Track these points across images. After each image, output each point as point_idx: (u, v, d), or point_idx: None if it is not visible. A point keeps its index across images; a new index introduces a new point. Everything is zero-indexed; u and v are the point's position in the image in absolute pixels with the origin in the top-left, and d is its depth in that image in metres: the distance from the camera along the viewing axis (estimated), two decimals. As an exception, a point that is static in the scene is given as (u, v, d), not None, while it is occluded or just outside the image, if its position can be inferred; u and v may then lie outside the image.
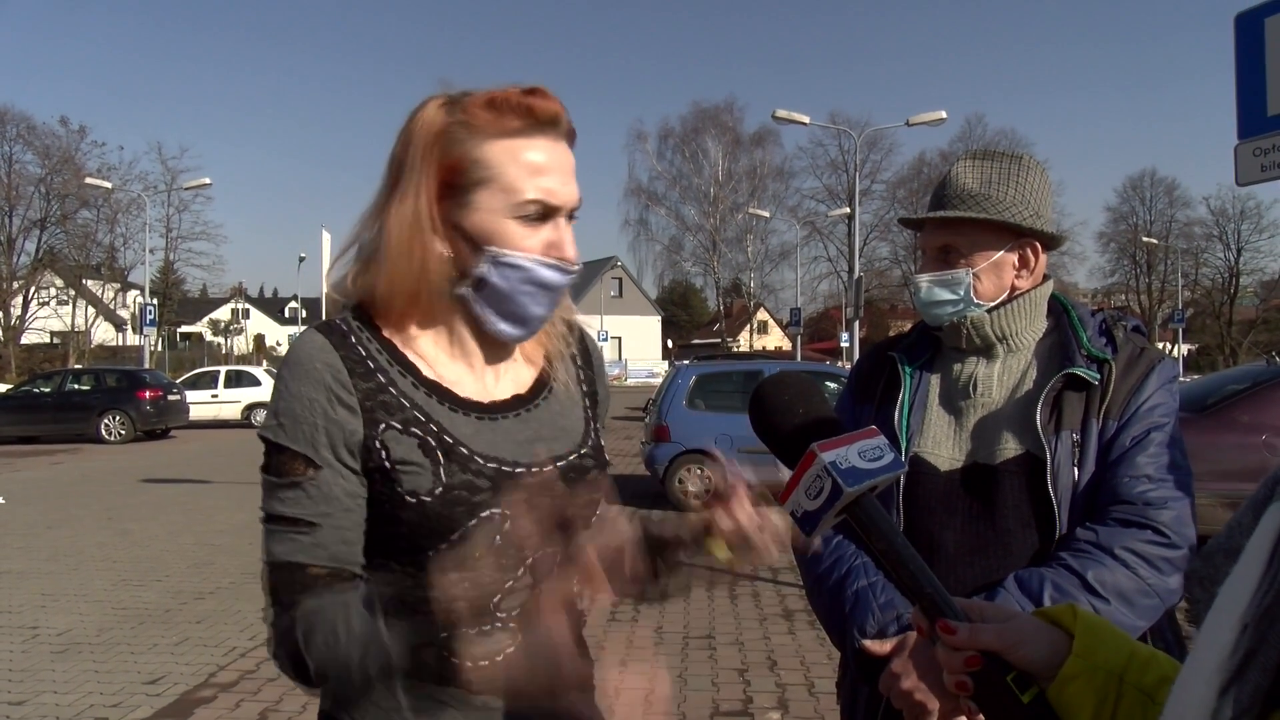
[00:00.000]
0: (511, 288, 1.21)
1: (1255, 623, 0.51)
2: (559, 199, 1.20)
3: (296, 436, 1.14)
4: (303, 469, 1.14)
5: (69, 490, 13.14)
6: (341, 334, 1.20)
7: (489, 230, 1.19)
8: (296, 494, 1.14)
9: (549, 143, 1.20)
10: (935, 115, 25.86)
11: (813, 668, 5.28)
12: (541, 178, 1.18)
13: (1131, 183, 60.16)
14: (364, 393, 1.17)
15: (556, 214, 1.21)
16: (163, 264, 49.44)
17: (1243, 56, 5.43)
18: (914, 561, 0.93)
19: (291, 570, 1.14)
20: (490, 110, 1.18)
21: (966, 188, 1.66)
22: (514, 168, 1.18)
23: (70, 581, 7.58)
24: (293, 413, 1.15)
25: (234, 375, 26.16)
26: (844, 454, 0.93)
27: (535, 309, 1.23)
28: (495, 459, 1.21)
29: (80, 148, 43.61)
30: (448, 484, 1.17)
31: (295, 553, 1.14)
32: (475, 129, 1.18)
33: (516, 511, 1.21)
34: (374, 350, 1.21)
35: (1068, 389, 1.59)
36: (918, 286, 1.71)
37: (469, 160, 1.18)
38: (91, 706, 4.78)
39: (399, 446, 1.17)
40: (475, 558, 1.19)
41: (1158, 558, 1.47)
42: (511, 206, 1.18)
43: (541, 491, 1.24)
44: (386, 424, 1.17)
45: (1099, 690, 0.85)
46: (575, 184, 1.23)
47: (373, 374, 1.18)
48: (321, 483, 1.14)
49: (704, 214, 57.88)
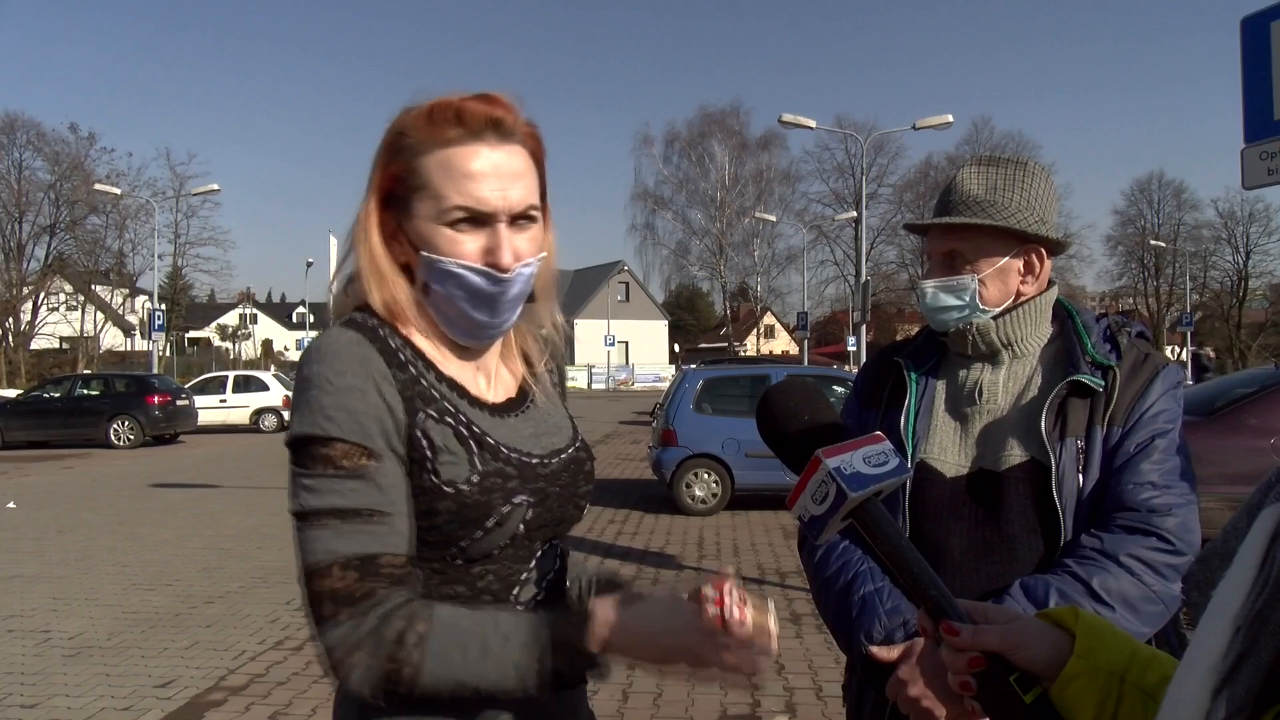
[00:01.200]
0: (449, 294, 1.22)
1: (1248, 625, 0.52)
2: (489, 205, 1.20)
3: (352, 428, 1.12)
4: (363, 459, 1.12)
5: (79, 495, 13.19)
6: (370, 329, 1.21)
7: (425, 237, 1.21)
8: (359, 484, 1.11)
9: (486, 149, 1.20)
10: (942, 119, 25.83)
11: (820, 672, 5.28)
12: (470, 184, 1.19)
13: (1139, 185, 60.02)
14: (402, 383, 1.18)
15: (492, 220, 1.21)
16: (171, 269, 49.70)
17: (1249, 60, 5.42)
18: (918, 565, 0.94)
19: (372, 564, 1.09)
20: (428, 120, 1.20)
21: (972, 194, 1.67)
22: (443, 176, 1.19)
23: (81, 585, 7.61)
24: (344, 405, 1.12)
25: (242, 380, 26.18)
26: (849, 460, 0.95)
27: (477, 315, 1.24)
28: (515, 449, 1.24)
29: (89, 154, 44.07)
30: (484, 472, 1.18)
31: (372, 544, 1.10)
32: (415, 139, 1.20)
33: (536, 500, 1.24)
34: (400, 344, 1.22)
35: (1072, 395, 1.59)
36: (923, 292, 1.72)
37: (408, 170, 1.21)
38: (103, 710, 4.81)
39: (438, 436, 1.18)
40: (500, 548, 1.21)
41: (1163, 564, 1.48)
42: (440, 213, 1.20)
43: (552, 482, 1.27)
44: (425, 413, 1.18)
45: (1101, 690, 0.86)
46: (521, 187, 1.21)
47: (405, 365, 1.20)
48: (386, 471, 1.13)
49: (710, 218, 57.83)
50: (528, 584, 1.26)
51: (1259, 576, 0.54)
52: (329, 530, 1.10)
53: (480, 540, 1.19)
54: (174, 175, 47.57)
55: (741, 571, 7.98)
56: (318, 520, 1.11)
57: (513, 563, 1.25)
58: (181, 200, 46.95)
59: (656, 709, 4.75)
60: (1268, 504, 0.58)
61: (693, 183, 57.85)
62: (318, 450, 1.12)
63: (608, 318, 54.79)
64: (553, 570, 1.31)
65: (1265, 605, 0.52)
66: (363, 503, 1.11)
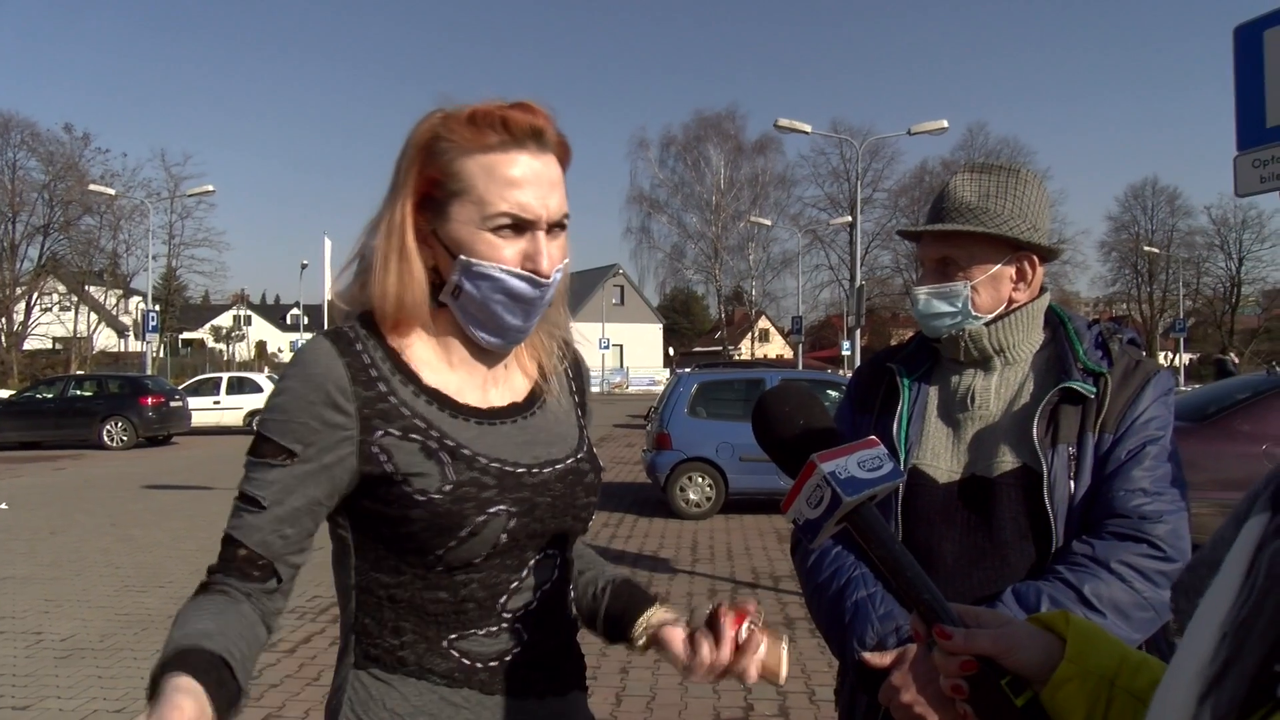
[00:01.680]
0: (484, 297, 1.24)
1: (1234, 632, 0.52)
2: (532, 213, 1.22)
3: (284, 431, 1.18)
4: (280, 457, 1.18)
5: (72, 496, 13.16)
6: (348, 341, 1.23)
7: (464, 241, 1.23)
8: (260, 475, 1.18)
9: (528, 157, 1.22)
10: (937, 124, 25.91)
11: (813, 675, 5.29)
12: (515, 191, 1.21)
13: (1133, 191, 60.18)
14: (363, 400, 1.20)
15: (532, 227, 1.23)
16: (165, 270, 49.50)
17: (1242, 68, 5.45)
18: (912, 569, 0.95)
19: (226, 544, 1.19)
20: (470, 125, 1.22)
21: (964, 200, 1.68)
22: (487, 181, 1.21)
23: (73, 587, 7.60)
24: (284, 408, 1.19)
25: (236, 382, 26.12)
26: (843, 464, 0.96)
27: (510, 319, 1.26)
28: (498, 459, 1.25)
29: (84, 155, 43.83)
30: (456, 481, 1.20)
31: (235, 528, 1.19)
32: (455, 143, 1.22)
33: (520, 510, 1.24)
34: (378, 359, 1.23)
35: (1064, 402, 1.60)
36: (916, 298, 1.73)
37: (447, 174, 1.22)
38: (95, 712, 4.80)
39: (399, 452, 1.20)
40: (483, 557, 1.22)
41: (1153, 571, 1.49)
42: (484, 219, 1.21)
43: (541, 492, 1.27)
44: (385, 430, 1.20)
45: (1091, 694, 0.87)
46: (557, 196, 1.25)
47: (374, 383, 1.21)
48: (290, 474, 1.18)
49: (706, 222, 57.85)
50: (519, 592, 1.27)
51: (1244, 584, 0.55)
52: (233, 510, 1.20)
53: (456, 549, 1.20)
54: (169, 176, 47.43)
55: (735, 575, 7.99)
56: (236, 500, 1.21)
57: (500, 571, 1.25)
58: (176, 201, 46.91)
59: (650, 711, 4.75)
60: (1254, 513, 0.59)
61: (688, 186, 57.96)
62: (257, 443, 1.20)
63: (602, 321, 54.80)
64: (550, 581, 1.31)
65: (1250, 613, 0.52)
66: (252, 491, 1.18)
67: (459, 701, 1.23)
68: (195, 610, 1.14)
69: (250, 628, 1.15)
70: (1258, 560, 0.55)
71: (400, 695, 1.22)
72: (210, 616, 1.12)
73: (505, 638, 1.26)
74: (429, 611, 1.23)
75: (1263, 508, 0.59)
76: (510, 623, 1.26)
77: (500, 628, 1.26)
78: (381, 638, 1.24)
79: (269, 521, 1.18)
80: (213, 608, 1.14)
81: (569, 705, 1.34)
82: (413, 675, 1.23)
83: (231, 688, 1.06)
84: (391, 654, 1.23)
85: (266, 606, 1.19)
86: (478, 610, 1.24)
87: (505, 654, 1.26)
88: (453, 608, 1.23)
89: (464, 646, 1.24)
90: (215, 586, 1.17)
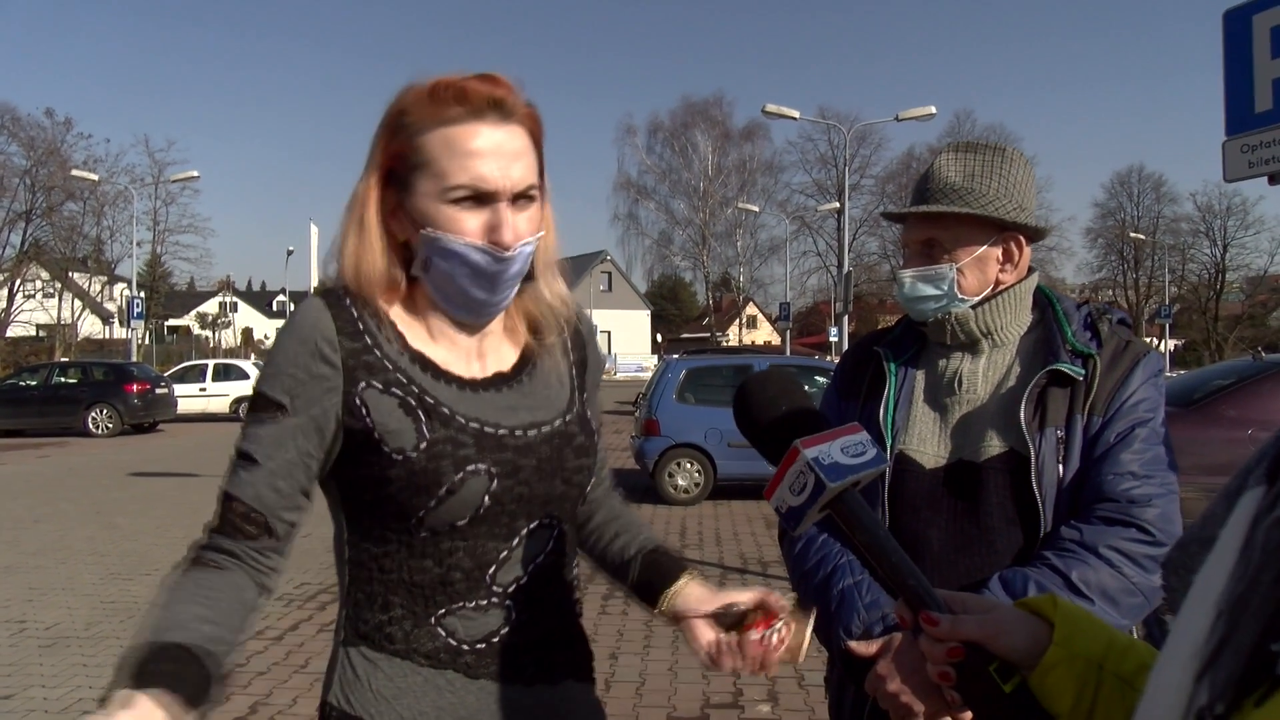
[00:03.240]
0: (449, 271, 1.23)
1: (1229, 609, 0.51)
2: (492, 184, 1.21)
3: (275, 385, 1.20)
4: (271, 412, 1.20)
5: (56, 484, 13.08)
6: (338, 298, 1.25)
7: (427, 215, 1.22)
8: (255, 431, 1.21)
9: (488, 128, 1.21)
10: (925, 110, 25.91)
11: (803, 660, 5.30)
12: (474, 161, 1.20)
13: (1119, 178, 60.34)
14: (348, 351, 1.21)
15: (493, 199, 1.22)
16: (150, 257, 49.22)
17: (1231, 54, 5.46)
18: (897, 555, 0.94)
19: (222, 501, 1.21)
20: (430, 99, 1.21)
21: (949, 181, 1.65)
22: (446, 154, 1.20)
23: (58, 575, 7.55)
24: (276, 363, 1.21)
25: (222, 369, 26.02)
26: (827, 450, 0.95)
27: (475, 293, 1.25)
28: (476, 419, 1.24)
29: (66, 140, 43.25)
30: (431, 439, 1.20)
31: (232, 485, 1.21)
32: (418, 117, 1.21)
33: (502, 471, 1.23)
34: (366, 315, 1.25)
35: (1052, 385, 1.58)
36: (901, 282, 1.71)
37: (410, 147, 1.22)
38: (80, 700, 4.77)
39: (379, 407, 1.21)
40: (467, 520, 1.21)
41: (1143, 556, 1.47)
42: (443, 191, 1.21)
43: (525, 455, 1.26)
44: (367, 383, 1.21)
45: (1079, 678, 0.87)
46: (521, 166, 1.23)
47: (360, 335, 1.23)
48: (281, 427, 1.20)
49: (693, 208, 57.78)
50: (509, 564, 1.25)
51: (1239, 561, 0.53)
52: (229, 468, 1.22)
53: (436, 509, 1.20)
54: (153, 162, 46.98)
55: (724, 561, 8.01)
56: (232, 457, 1.23)
57: (488, 540, 1.24)
58: (160, 187, 46.57)
59: (639, 698, 4.76)
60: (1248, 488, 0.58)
61: (676, 173, 57.86)
62: (257, 398, 1.22)
63: (590, 307, 54.52)
64: (544, 554, 1.29)
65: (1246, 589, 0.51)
66: (247, 448, 1.21)
67: (442, 685, 1.23)
68: (180, 589, 1.15)
69: (238, 593, 1.17)
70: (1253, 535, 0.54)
71: (385, 676, 1.22)
72: (194, 597, 1.14)
73: (495, 614, 1.25)
74: (416, 583, 1.23)
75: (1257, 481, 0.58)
76: (500, 598, 1.25)
77: (490, 602, 1.24)
78: (371, 613, 1.24)
79: (263, 476, 1.19)
80: (199, 584, 1.16)
81: (561, 695, 1.32)
82: (398, 655, 1.23)
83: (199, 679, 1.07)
84: (380, 630, 1.24)
85: (262, 564, 1.21)
86: (465, 581, 1.23)
87: (493, 635, 1.25)
88: (439, 578, 1.23)
89: (451, 624, 1.23)
90: (207, 556, 1.19)
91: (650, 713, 4.54)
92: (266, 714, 4.58)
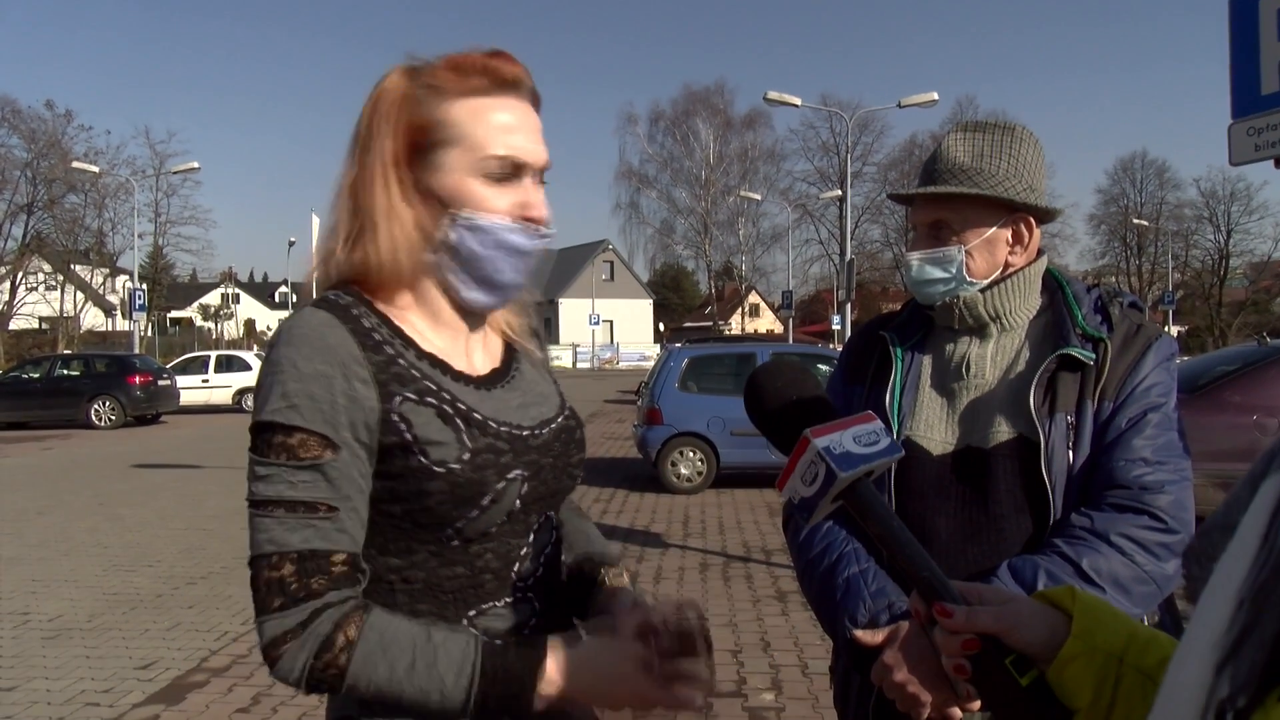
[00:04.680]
0: (480, 252, 1.18)
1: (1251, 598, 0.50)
2: (527, 156, 1.18)
3: (314, 417, 1.08)
4: (320, 451, 1.08)
5: (59, 476, 13.09)
6: (342, 309, 1.14)
7: (456, 191, 1.17)
8: (314, 476, 1.07)
9: (514, 102, 1.19)
10: (927, 97, 25.82)
11: (806, 649, 5.29)
12: (508, 134, 1.17)
13: (1122, 164, 60.44)
14: (377, 365, 1.12)
15: (525, 172, 1.19)
16: (152, 249, 49.30)
17: (1237, 35, 5.40)
18: (910, 545, 0.92)
19: (314, 559, 1.06)
20: (454, 71, 1.17)
21: (958, 161, 1.61)
22: (479, 125, 1.16)
23: (61, 567, 7.55)
24: (308, 392, 1.08)
25: (224, 360, 26.02)
26: (838, 439, 0.92)
27: (507, 274, 1.20)
28: (505, 423, 1.20)
29: (67, 132, 43.31)
30: (474, 449, 1.14)
31: (315, 539, 1.06)
32: (440, 90, 1.17)
33: (530, 474, 1.20)
34: (375, 323, 1.16)
35: (1062, 369, 1.54)
36: (909, 265, 1.67)
37: (434, 120, 1.17)
38: (83, 692, 4.77)
39: (418, 418, 1.13)
40: (499, 524, 1.18)
41: (1155, 544, 1.44)
42: (478, 164, 1.16)
43: (545, 453, 1.23)
44: (402, 396, 1.13)
45: (1099, 672, 0.84)
46: (543, 144, 1.22)
47: (381, 346, 1.14)
48: (341, 464, 1.09)
49: (695, 197, 57.78)
50: (525, 559, 1.23)
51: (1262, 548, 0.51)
52: (276, 520, 1.07)
53: (477, 519, 1.15)
54: (154, 153, 47.13)
55: (727, 549, 8.00)
56: (268, 509, 1.07)
57: (510, 539, 1.21)
58: (161, 179, 46.72)
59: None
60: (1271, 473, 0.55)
61: (677, 161, 57.83)
62: (278, 439, 1.08)
63: (592, 297, 54.68)
64: (549, 544, 1.27)
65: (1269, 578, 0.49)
66: (312, 495, 1.07)
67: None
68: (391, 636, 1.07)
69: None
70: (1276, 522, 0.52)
71: None
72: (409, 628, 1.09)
73: (523, 609, 1.22)
74: (445, 589, 1.17)
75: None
76: (524, 591, 1.22)
77: (517, 598, 1.21)
78: None
79: (350, 519, 1.09)
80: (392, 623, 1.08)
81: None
82: None
83: None
84: None
85: None
86: (495, 581, 1.19)
87: (523, 627, 1.21)
88: (470, 582, 1.18)
89: (484, 624, 1.18)
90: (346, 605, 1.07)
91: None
92: (269, 704, 4.58)
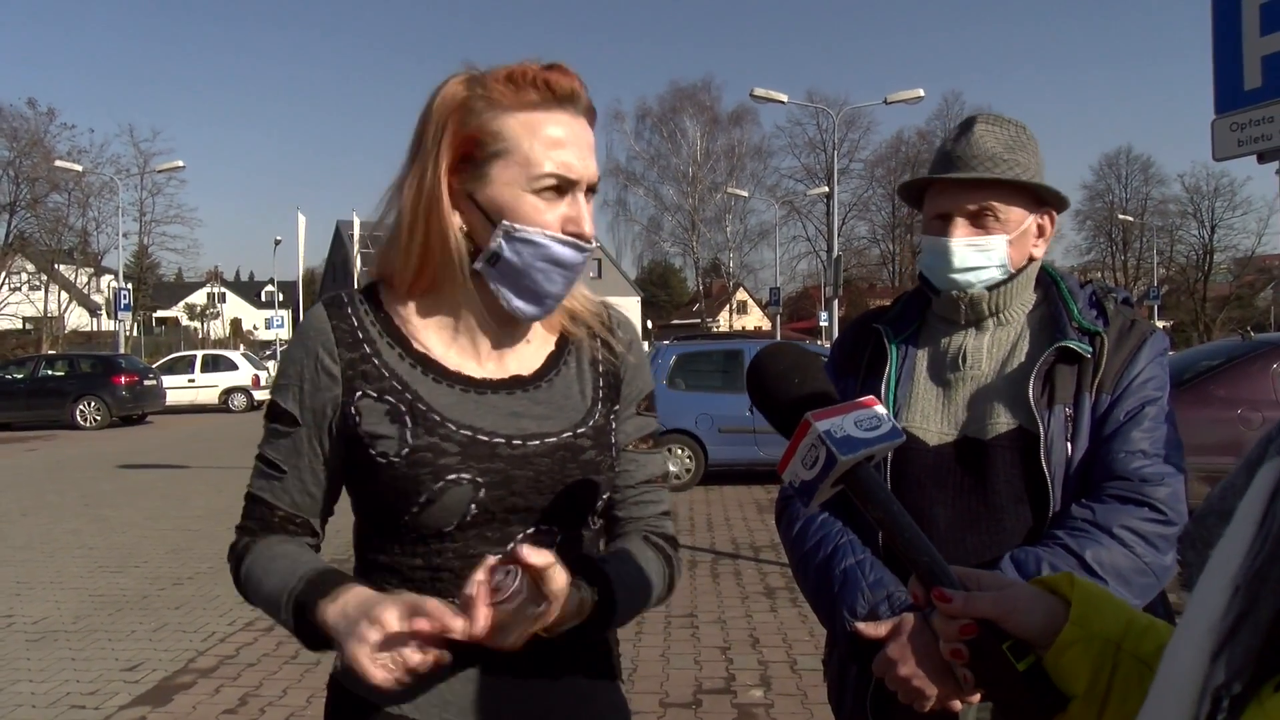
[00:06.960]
0: (526, 264, 1.21)
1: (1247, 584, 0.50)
2: (576, 173, 1.20)
3: (286, 395, 1.26)
4: (289, 426, 1.26)
5: (44, 477, 13.00)
6: (340, 305, 1.27)
7: (504, 204, 1.20)
8: (278, 441, 1.27)
9: (567, 117, 1.21)
10: (913, 93, 25.95)
11: (795, 645, 5.30)
12: (559, 151, 1.19)
13: (1107, 160, 60.66)
14: (346, 362, 1.24)
15: (574, 189, 1.21)
16: (137, 248, 49.02)
17: (1220, 30, 5.42)
18: (911, 530, 0.91)
19: (258, 504, 1.29)
20: (509, 84, 1.19)
21: (991, 149, 1.58)
22: (531, 140, 1.19)
23: (46, 569, 7.49)
24: (286, 373, 1.27)
25: (211, 360, 25.96)
26: (839, 423, 0.92)
27: (550, 286, 1.23)
28: (470, 427, 1.22)
29: (49, 130, 42.85)
30: (414, 445, 1.20)
31: (264, 490, 1.28)
32: (494, 102, 1.19)
33: (491, 481, 1.20)
34: (368, 323, 1.26)
35: (1060, 362, 1.55)
36: (948, 250, 1.59)
37: (486, 133, 1.19)
38: (68, 694, 4.73)
39: (370, 413, 1.22)
40: (454, 526, 1.21)
41: (1155, 535, 1.45)
42: (528, 179, 1.19)
43: (520, 465, 1.22)
44: (363, 392, 1.23)
45: (1096, 658, 0.84)
46: (594, 160, 1.24)
47: (359, 344, 1.24)
48: (296, 437, 1.26)
49: (683, 194, 57.73)
50: None
51: (1259, 533, 0.52)
52: (257, 469, 1.30)
53: (419, 515, 1.20)
54: (138, 152, 46.78)
55: (716, 546, 8.00)
56: (258, 459, 1.30)
57: (479, 543, 1.22)
58: (146, 177, 46.43)
59: (631, 684, 4.74)
60: (1268, 459, 0.56)
61: (664, 158, 57.71)
62: (272, 408, 1.29)
63: (580, 295, 54.48)
64: None
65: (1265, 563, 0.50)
66: (274, 456, 1.28)
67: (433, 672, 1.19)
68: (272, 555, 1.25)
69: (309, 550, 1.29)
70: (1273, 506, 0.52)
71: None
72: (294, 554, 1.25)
73: None
74: (407, 578, 1.24)
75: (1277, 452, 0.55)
76: None
77: None
78: None
79: (294, 484, 1.27)
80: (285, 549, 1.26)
81: (559, 690, 1.28)
82: None
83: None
84: None
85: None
86: (454, 579, 1.20)
87: None
88: (428, 574, 1.23)
89: None
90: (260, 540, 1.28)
91: (643, 699, 4.52)
92: (257, 705, 4.55)
